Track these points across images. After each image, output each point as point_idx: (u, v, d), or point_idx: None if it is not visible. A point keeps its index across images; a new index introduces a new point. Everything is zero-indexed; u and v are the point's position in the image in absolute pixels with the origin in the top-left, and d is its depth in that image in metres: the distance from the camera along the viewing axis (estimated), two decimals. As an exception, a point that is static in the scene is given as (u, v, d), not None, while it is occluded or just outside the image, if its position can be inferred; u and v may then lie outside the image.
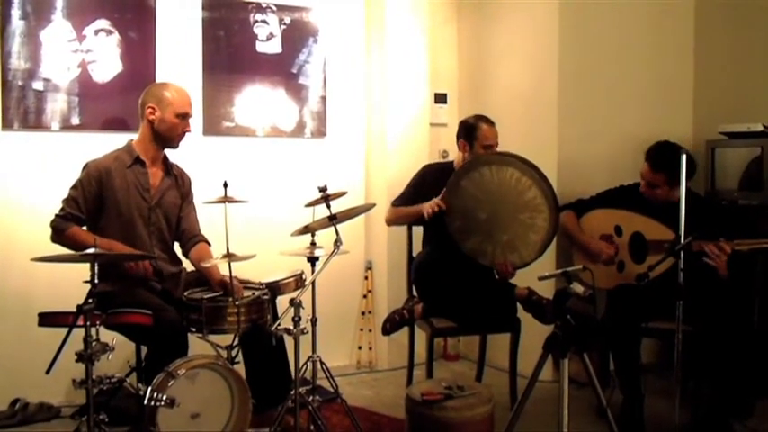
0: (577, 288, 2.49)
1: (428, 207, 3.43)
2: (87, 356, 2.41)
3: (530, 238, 3.33)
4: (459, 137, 3.73)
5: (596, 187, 3.83)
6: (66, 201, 3.12)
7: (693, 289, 2.99)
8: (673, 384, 2.96)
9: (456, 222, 3.42)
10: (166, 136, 3.22)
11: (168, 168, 3.33)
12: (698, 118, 4.40)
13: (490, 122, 3.68)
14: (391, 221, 3.80)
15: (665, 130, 3.59)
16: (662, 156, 3.46)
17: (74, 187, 3.13)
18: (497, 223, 3.36)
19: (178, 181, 3.36)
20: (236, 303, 2.89)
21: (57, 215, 3.10)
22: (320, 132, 4.49)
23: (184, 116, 3.23)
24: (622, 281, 3.48)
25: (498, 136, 3.68)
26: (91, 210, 3.12)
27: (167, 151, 3.33)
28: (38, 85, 3.72)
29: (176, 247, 3.40)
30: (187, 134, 3.28)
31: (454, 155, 4.69)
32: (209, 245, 3.38)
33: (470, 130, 3.67)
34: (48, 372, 2.39)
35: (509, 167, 3.24)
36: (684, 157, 2.95)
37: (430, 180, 3.65)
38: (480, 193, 3.34)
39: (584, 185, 3.89)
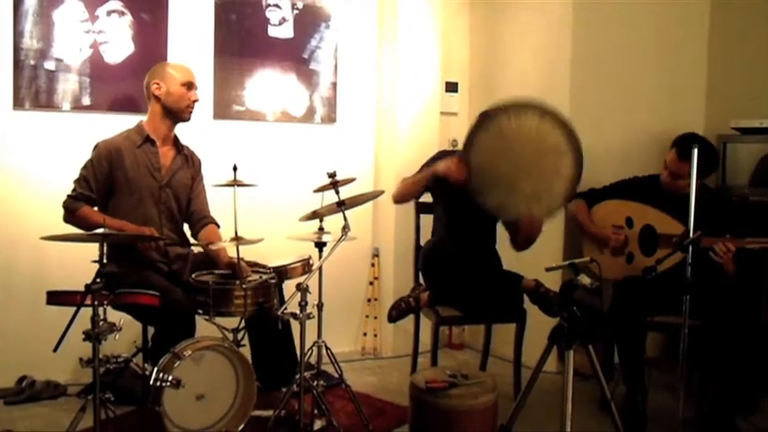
0: (584, 280, 2.49)
1: (446, 164, 3.34)
2: (94, 336, 2.43)
3: (554, 186, 3.23)
4: None
5: (606, 179, 3.82)
6: (77, 181, 3.14)
7: (701, 284, 2.98)
8: (677, 379, 2.96)
9: (475, 181, 3.35)
10: (176, 108, 3.23)
11: (179, 148, 3.35)
12: (710, 112, 4.37)
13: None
14: (401, 194, 3.61)
15: (676, 123, 3.58)
16: (690, 144, 3.43)
17: (84, 167, 3.15)
18: (519, 173, 3.25)
19: (188, 161, 3.38)
20: (244, 287, 2.90)
21: (68, 195, 3.13)
22: (330, 118, 4.49)
23: (190, 85, 3.26)
24: (630, 273, 3.48)
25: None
26: (102, 189, 3.15)
27: (178, 132, 3.34)
28: (49, 65, 3.72)
29: (185, 228, 3.42)
30: (197, 111, 3.30)
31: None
32: (219, 227, 3.40)
33: None
34: (55, 350, 2.41)
35: (528, 113, 3.16)
36: (702, 149, 2.95)
37: None
38: (499, 143, 3.24)
39: (594, 177, 3.87)
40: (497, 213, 3.37)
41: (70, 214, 3.11)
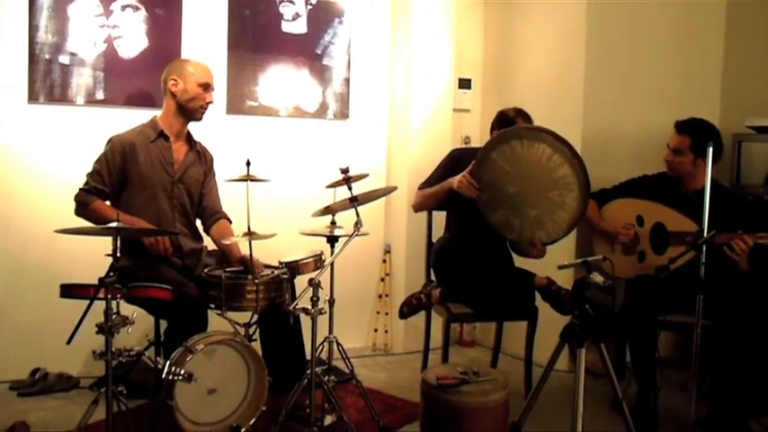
0: (597, 278, 2.48)
1: (459, 178, 3.37)
2: (107, 329, 2.43)
3: (558, 216, 3.28)
4: (494, 126, 3.65)
5: (619, 176, 3.80)
6: (90, 174, 3.15)
7: (714, 283, 2.96)
8: (689, 378, 2.95)
9: (483, 195, 3.37)
10: (190, 107, 3.24)
11: (192, 144, 3.35)
12: (725, 110, 4.34)
13: (528, 119, 3.61)
14: (420, 205, 3.70)
15: (691, 120, 3.57)
16: (690, 122, 3.51)
17: (98, 161, 3.16)
18: (526, 198, 3.31)
19: (201, 157, 3.38)
20: (256, 281, 2.91)
21: (81, 189, 3.13)
22: (343, 114, 4.48)
23: (206, 87, 3.25)
24: (642, 271, 3.46)
25: None
26: (115, 183, 3.16)
27: (191, 126, 3.35)
28: (64, 59, 3.74)
29: (198, 223, 3.43)
30: (210, 106, 3.29)
31: (476, 141, 4.69)
32: (231, 222, 3.41)
33: (508, 124, 3.57)
34: (68, 343, 2.42)
35: (541, 143, 3.18)
36: (710, 143, 2.95)
37: (459, 164, 3.56)
38: (510, 166, 3.29)
39: (607, 174, 3.86)
40: (500, 231, 3.39)
41: (82, 208, 3.12)
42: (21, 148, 3.70)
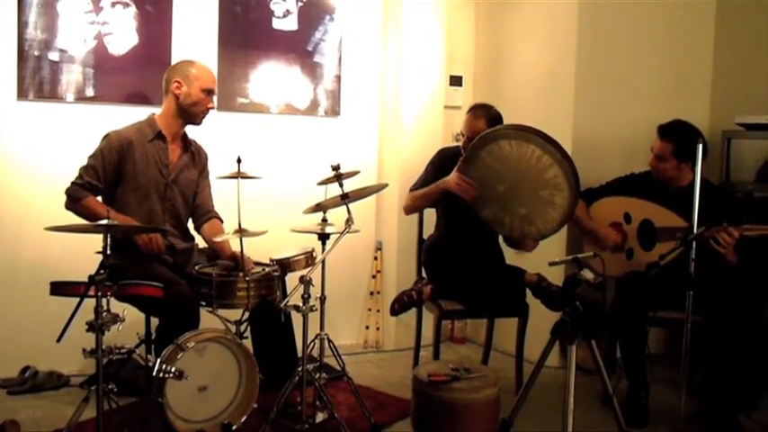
0: (587, 275, 2.49)
1: (453, 180, 3.40)
2: (98, 326, 2.43)
3: (548, 214, 3.29)
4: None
5: (610, 174, 3.81)
6: (84, 169, 3.11)
7: (703, 279, 2.98)
8: (679, 375, 2.96)
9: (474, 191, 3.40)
10: (191, 111, 3.21)
11: (187, 145, 3.33)
12: (715, 107, 4.36)
13: (477, 113, 3.58)
14: (411, 207, 3.73)
15: (680, 117, 3.57)
16: (672, 127, 3.50)
17: (93, 156, 3.12)
18: (516, 196, 3.33)
19: (195, 157, 3.36)
20: (247, 279, 2.90)
21: (74, 182, 3.09)
22: (334, 111, 4.48)
23: (210, 92, 3.23)
24: (631, 268, 3.48)
25: (475, 128, 3.51)
26: (108, 180, 3.12)
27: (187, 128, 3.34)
28: (53, 56, 3.72)
29: (189, 223, 3.42)
30: (211, 111, 3.28)
31: (467, 138, 4.70)
32: (222, 221, 3.40)
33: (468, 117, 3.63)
34: (58, 340, 2.41)
35: (529, 144, 3.18)
36: (699, 141, 2.96)
37: (448, 163, 3.59)
38: (499, 165, 3.30)
39: (597, 172, 3.87)
40: (491, 226, 3.43)
41: (74, 202, 3.08)
42: (9, 145, 3.68)
